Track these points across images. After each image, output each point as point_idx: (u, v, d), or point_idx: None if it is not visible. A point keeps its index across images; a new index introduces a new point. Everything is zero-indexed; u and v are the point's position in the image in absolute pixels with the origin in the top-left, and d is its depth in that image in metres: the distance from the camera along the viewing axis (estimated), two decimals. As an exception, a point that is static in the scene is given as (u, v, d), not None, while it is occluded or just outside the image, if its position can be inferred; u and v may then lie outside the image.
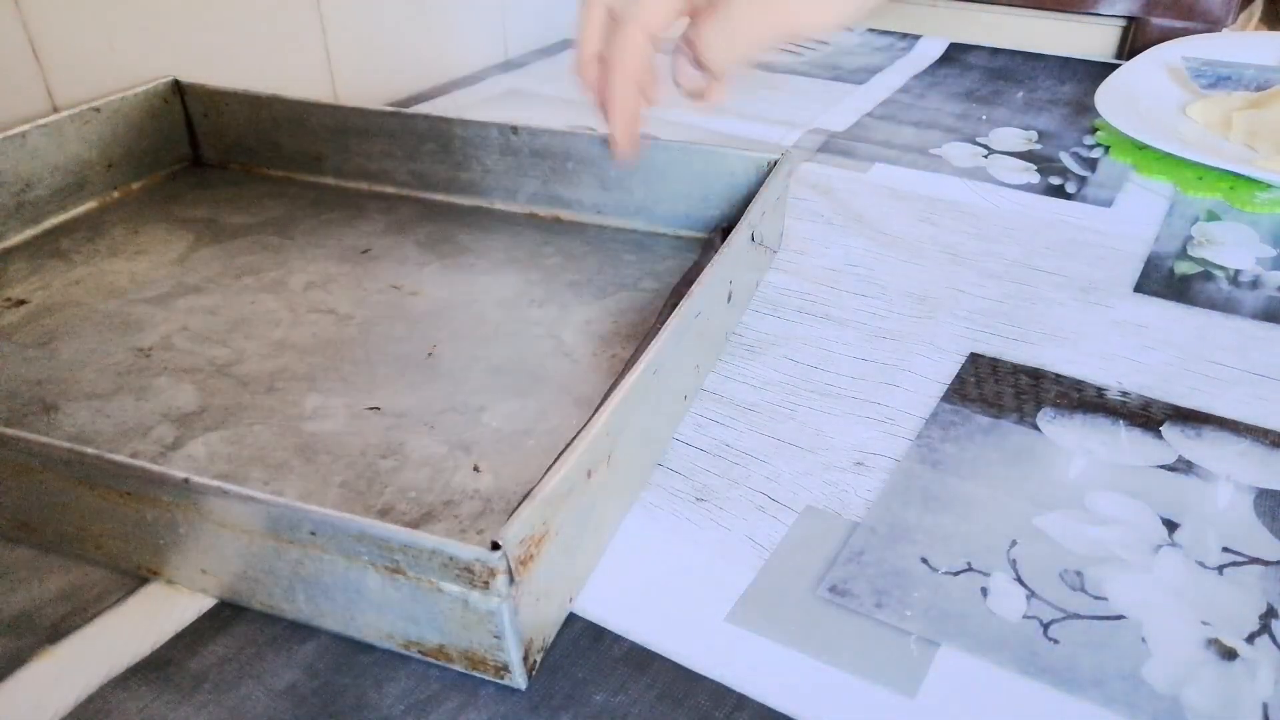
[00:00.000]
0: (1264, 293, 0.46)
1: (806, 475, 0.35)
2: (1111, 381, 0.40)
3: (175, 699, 0.27)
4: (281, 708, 0.27)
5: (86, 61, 0.54)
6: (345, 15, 0.67)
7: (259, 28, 0.62)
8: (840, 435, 0.37)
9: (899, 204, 0.56)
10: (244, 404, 0.37)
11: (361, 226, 0.51)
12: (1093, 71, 0.77)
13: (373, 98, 0.71)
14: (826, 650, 0.28)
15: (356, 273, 0.46)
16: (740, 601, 0.30)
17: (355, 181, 0.55)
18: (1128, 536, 0.32)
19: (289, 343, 0.41)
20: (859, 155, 0.62)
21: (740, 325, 0.44)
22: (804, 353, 0.42)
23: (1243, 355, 0.42)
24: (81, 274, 0.46)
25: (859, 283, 0.47)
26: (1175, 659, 0.28)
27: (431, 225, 0.51)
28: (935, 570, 0.31)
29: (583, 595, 0.30)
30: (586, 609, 0.30)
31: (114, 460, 0.28)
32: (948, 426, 0.37)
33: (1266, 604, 0.30)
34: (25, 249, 0.48)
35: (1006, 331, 0.43)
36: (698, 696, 0.27)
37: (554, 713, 0.26)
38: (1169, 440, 0.37)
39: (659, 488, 0.34)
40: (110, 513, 0.29)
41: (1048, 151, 0.63)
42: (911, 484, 0.35)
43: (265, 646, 0.28)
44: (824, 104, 0.71)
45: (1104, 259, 0.50)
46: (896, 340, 0.43)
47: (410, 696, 0.27)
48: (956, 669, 0.28)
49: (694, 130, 0.66)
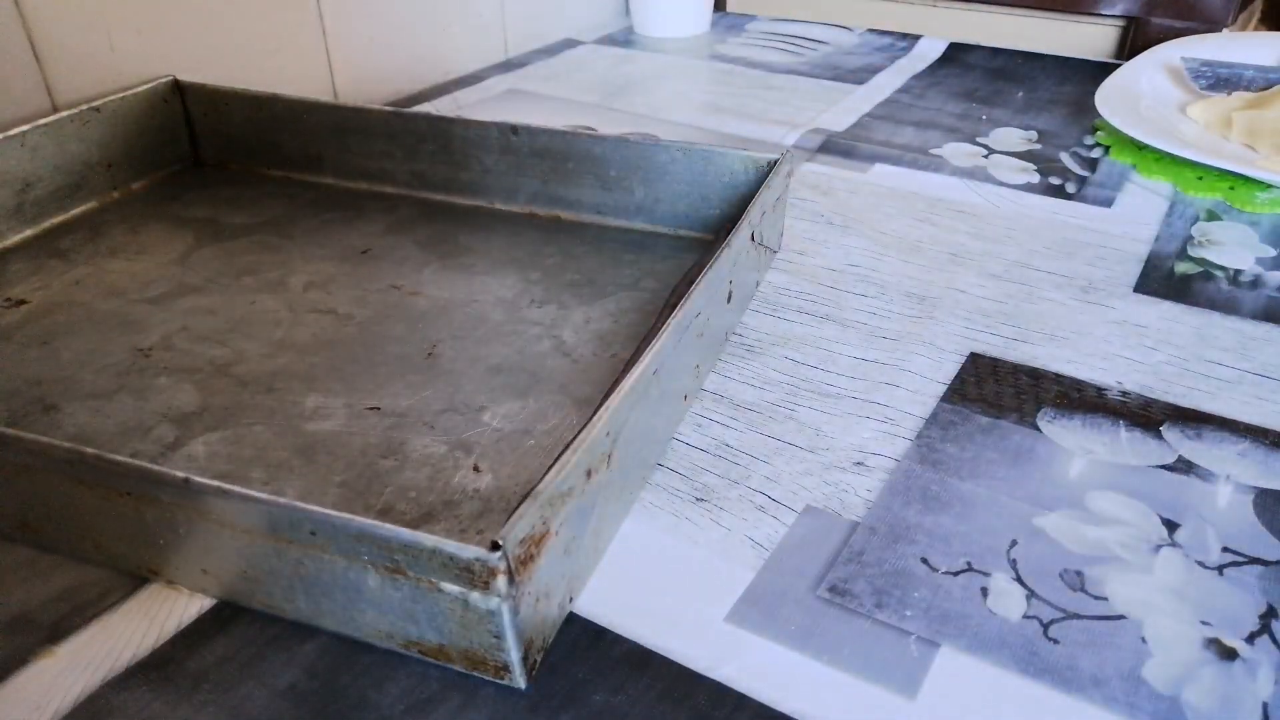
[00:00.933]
0: (1264, 293, 0.46)
1: (806, 475, 0.35)
2: (1111, 381, 0.40)
3: (175, 699, 0.27)
4: (281, 708, 0.27)
5: (86, 61, 0.54)
6: (345, 15, 0.67)
7: (259, 27, 0.62)
8: (840, 435, 0.37)
9: (899, 204, 0.56)
10: (244, 404, 0.37)
11: (362, 227, 0.51)
12: (1093, 71, 0.77)
13: (373, 97, 0.71)
14: (826, 650, 0.28)
15: (357, 272, 0.46)
16: (740, 601, 0.30)
17: (355, 181, 0.55)
18: (1128, 536, 0.32)
19: (288, 342, 0.41)
20: (859, 155, 0.62)
21: (740, 325, 0.44)
22: (804, 353, 0.42)
23: (1243, 355, 0.42)
24: (81, 274, 0.46)
25: (859, 283, 0.47)
26: (1175, 659, 0.28)
27: (431, 225, 0.51)
28: (935, 570, 0.31)
29: (583, 595, 0.30)
30: (587, 609, 0.30)
31: (114, 460, 0.27)
32: (948, 426, 0.37)
33: (1266, 604, 0.30)
34: (25, 249, 0.48)
35: (1006, 331, 0.43)
36: (698, 696, 0.27)
37: (554, 713, 0.26)
38: (1169, 440, 0.37)
39: (659, 488, 0.34)
40: (110, 513, 0.29)
41: (1048, 151, 0.63)
42: (911, 484, 0.35)
43: (265, 646, 0.28)
44: (824, 104, 0.71)
45: (1104, 259, 0.50)
46: (896, 340, 0.43)
47: (410, 696, 0.27)
48: (956, 669, 0.28)
49: (694, 130, 0.66)
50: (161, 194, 0.55)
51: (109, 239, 0.49)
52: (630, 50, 0.84)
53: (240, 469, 0.34)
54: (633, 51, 0.84)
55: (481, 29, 0.79)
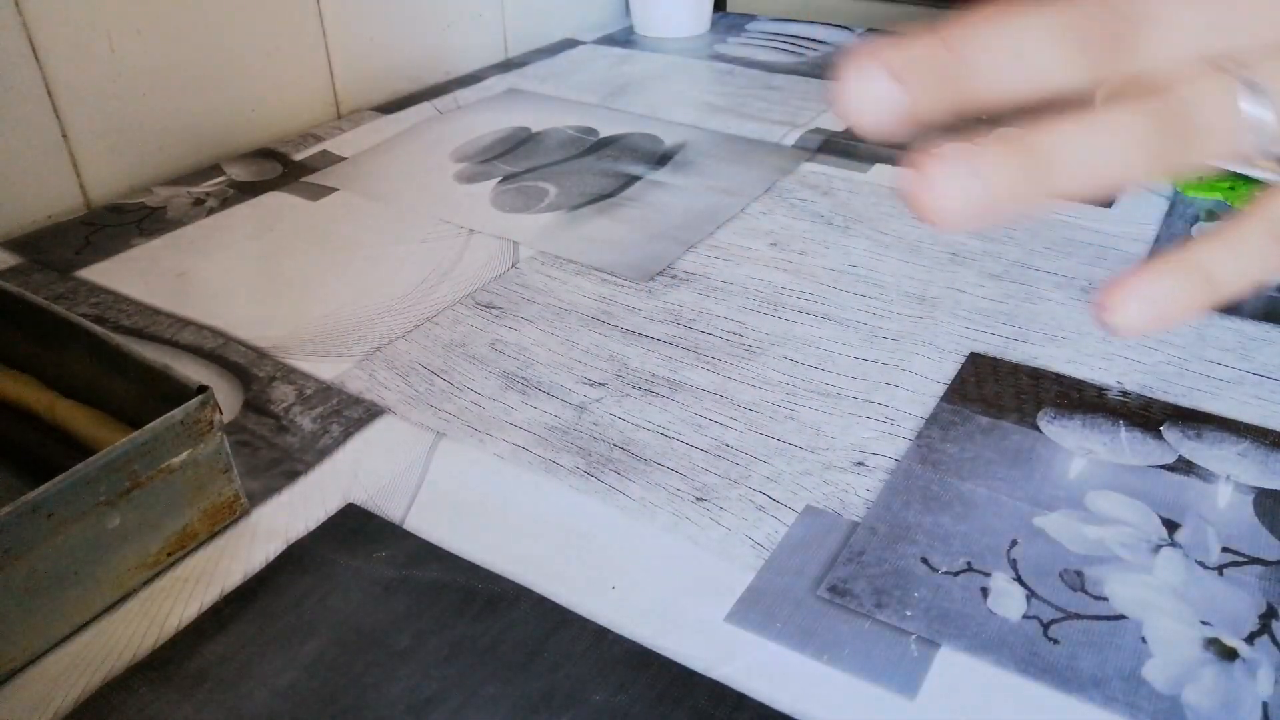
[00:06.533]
0: (1264, 293, 0.46)
1: (806, 475, 0.35)
2: (1111, 381, 0.40)
3: (175, 699, 0.27)
4: (281, 707, 0.27)
5: (85, 61, 0.54)
6: (346, 14, 0.67)
7: (259, 27, 0.62)
8: (840, 435, 0.37)
9: (899, 204, 0.56)
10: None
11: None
12: (1093, 71, 0.77)
13: (373, 97, 0.71)
14: (826, 650, 0.28)
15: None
16: (740, 601, 0.30)
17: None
18: (1128, 536, 0.32)
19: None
20: (859, 155, 0.62)
21: (740, 325, 0.44)
22: (804, 353, 0.42)
23: (1243, 355, 0.42)
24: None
25: (859, 283, 0.47)
26: (1175, 659, 0.28)
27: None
28: (935, 570, 0.31)
29: (581, 595, 0.30)
30: (587, 609, 0.30)
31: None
32: (948, 426, 0.37)
33: (1266, 604, 0.30)
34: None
35: (1006, 331, 0.43)
36: (698, 696, 0.27)
37: (554, 713, 0.26)
38: (1169, 440, 0.37)
39: (659, 488, 0.34)
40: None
41: (1048, 151, 0.63)
42: (911, 484, 0.35)
43: (265, 646, 0.28)
44: (824, 104, 0.71)
45: (1104, 259, 0.50)
46: (896, 340, 0.43)
47: (410, 696, 0.27)
48: (956, 669, 0.28)
49: (694, 130, 0.66)
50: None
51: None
52: (630, 50, 0.84)
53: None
54: (633, 51, 0.84)
55: (482, 28, 0.79)
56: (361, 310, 0.45)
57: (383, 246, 0.51)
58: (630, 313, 0.45)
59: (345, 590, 0.30)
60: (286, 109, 0.65)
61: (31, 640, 0.28)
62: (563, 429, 0.37)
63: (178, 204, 0.55)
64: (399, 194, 0.57)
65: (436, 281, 0.48)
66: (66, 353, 0.35)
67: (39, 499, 0.27)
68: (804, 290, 0.47)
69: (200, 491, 0.31)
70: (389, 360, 0.42)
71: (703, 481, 0.35)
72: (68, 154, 0.54)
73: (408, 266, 0.49)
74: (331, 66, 0.67)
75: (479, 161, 0.61)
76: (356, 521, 0.33)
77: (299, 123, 0.66)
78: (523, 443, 0.37)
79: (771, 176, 0.59)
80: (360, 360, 0.42)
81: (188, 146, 0.60)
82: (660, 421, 0.38)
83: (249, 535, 0.33)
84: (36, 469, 0.33)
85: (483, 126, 0.66)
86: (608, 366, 0.41)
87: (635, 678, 0.27)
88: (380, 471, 0.35)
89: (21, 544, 0.27)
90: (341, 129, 0.65)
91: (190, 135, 0.60)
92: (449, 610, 0.30)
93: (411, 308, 0.45)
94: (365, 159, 0.62)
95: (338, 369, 0.41)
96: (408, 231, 0.52)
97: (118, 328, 0.44)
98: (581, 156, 0.62)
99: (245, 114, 0.63)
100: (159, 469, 0.30)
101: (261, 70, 0.63)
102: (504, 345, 0.43)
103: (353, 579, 0.31)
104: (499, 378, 0.40)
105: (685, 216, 0.54)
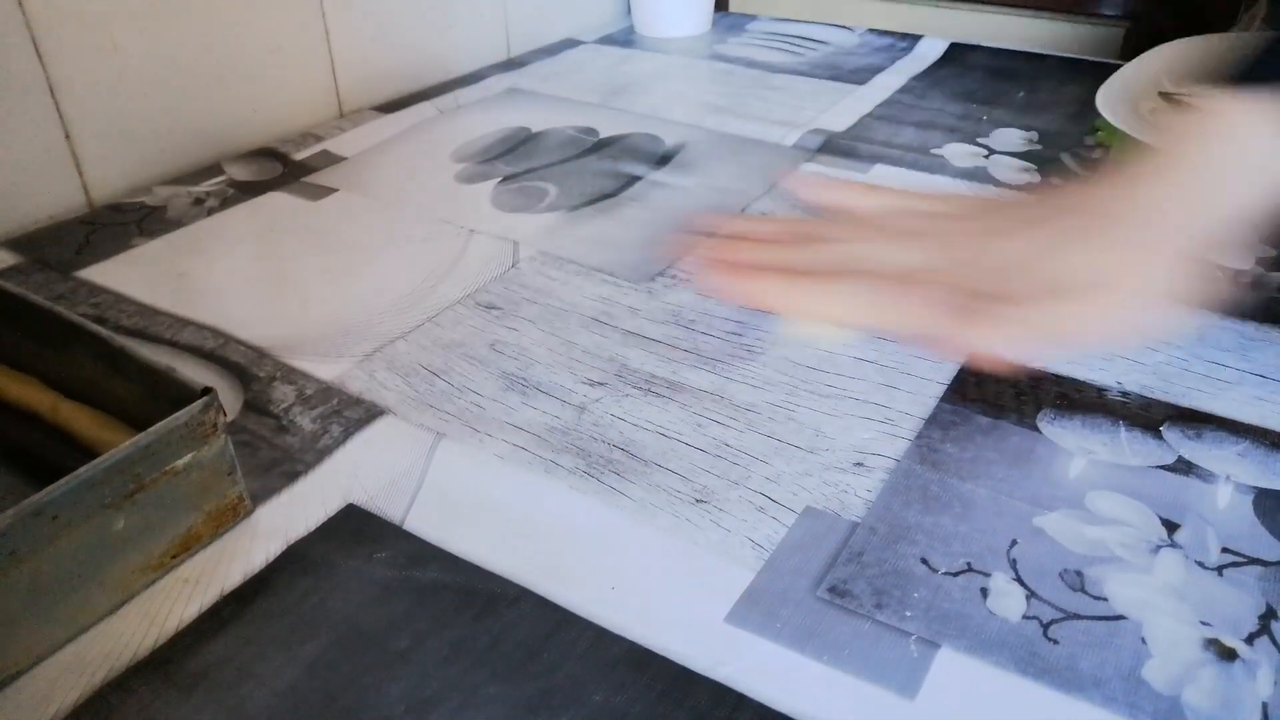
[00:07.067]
0: (1264, 293, 0.46)
1: (806, 475, 0.35)
2: (1111, 381, 0.40)
3: (175, 699, 0.27)
4: (281, 708, 0.27)
5: (87, 60, 0.54)
6: (348, 13, 0.67)
7: (261, 25, 0.62)
8: (840, 435, 0.37)
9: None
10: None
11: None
12: (1093, 71, 0.77)
13: (375, 96, 0.71)
14: (826, 650, 0.28)
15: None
16: (740, 601, 0.30)
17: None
18: (1127, 537, 0.32)
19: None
20: (859, 155, 0.62)
21: (740, 325, 0.44)
22: (804, 353, 0.42)
23: (1243, 356, 0.42)
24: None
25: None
26: (1175, 659, 0.28)
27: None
28: (935, 570, 0.31)
29: (581, 595, 0.30)
30: (586, 609, 0.30)
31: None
32: (948, 427, 0.37)
33: (1266, 604, 0.30)
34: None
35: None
36: (698, 696, 0.27)
37: (554, 713, 0.26)
38: (1169, 440, 0.37)
39: (659, 488, 0.34)
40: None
41: (1048, 152, 0.63)
42: (911, 484, 0.35)
43: (265, 646, 0.28)
44: (824, 104, 0.71)
45: (1104, 259, 0.50)
46: (896, 340, 0.43)
47: (410, 697, 0.27)
48: (956, 669, 0.28)
49: (695, 130, 0.66)
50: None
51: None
52: (631, 50, 0.84)
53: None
54: (633, 51, 0.84)
55: (483, 28, 0.79)
56: (361, 310, 0.45)
57: (383, 247, 0.51)
58: (630, 313, 0.45)
59: (345, 591, 0.30)
60: (288, 108, 0.65)
61: (35, 643, 0.28)
62: (563, 429, 0.37)
63: (178, 204, 0.55)
64: (399, 194, 0.57)
65: (437, 282, 0.48)
66: (70, 354, 0.35)
67: (43, 502, 0.27)
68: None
69: (205, 494, 0.31)
70: (389, 360, 0.42)
71: (703, 482, 0.35)
72: (70, 153, 0.54)
73: (408, 266, 0.49)
74: (334, 65, 0.67)
75: (479, 161, 0.61)
76: (356, 522, 0.33)
77: (300, 122, 0.66)
78: (523, 443, 0.37)
79: (772, 177, 0.59)
80: (360, 360, 0.42)
81: (189, 146, 0.60)
82: (660, 422, 0.38)
83: (249, 536, 0.33)
84: (40, 471, 0.33)
85: (483, 126, 0.66)
86: (608, 367, 0.41)
87: (635, 678, 0.27)
88: (380, 472, 0.35)
89: (26, 547, 0.27)
90: (342, 129, 0.65)
91: (191, 134, 0.60)
92: (449, 611, 0.30)
93: (412, 308, 0.45)
94: (365, 159, 0.62)
95: (338, 369, 0.41)
96: (408, 231, 0.52)
97: (118, 328, 0.44)
98: (582, 157, 0.62)
99: (246, 113, 0.63)
100: (163, 471, 0.30)
101: (264, 70, 0.63)
102: (504, 345, 0.43)
103: (353, 579, 0.31)
104: (499, 378, 0.40)
105: (686, 217, 0.54)
